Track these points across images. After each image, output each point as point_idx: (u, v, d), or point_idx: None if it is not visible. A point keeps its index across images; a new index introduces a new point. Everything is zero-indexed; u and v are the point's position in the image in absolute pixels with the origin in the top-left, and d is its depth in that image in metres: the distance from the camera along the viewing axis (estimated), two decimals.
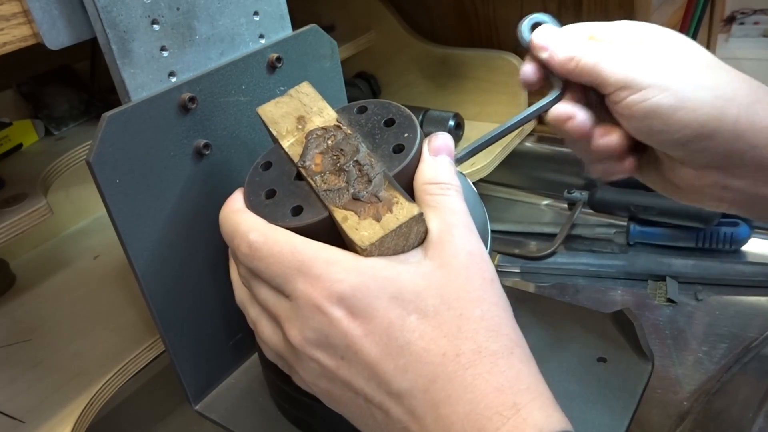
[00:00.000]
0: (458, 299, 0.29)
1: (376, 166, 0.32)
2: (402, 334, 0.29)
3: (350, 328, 0.29)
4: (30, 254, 0.67)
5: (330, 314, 0.29)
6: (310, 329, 0.30)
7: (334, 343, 0.29)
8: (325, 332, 0.29)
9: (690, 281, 0.66)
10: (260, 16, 0.43)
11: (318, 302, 0.29)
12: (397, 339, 0.29)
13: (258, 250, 0.31)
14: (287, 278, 0.30)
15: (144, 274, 0.39)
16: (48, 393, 0.47)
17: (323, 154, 0.34)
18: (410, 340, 0.29)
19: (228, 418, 0.44)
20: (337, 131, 0.35)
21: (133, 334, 0.51)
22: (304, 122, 0.36)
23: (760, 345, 0.56)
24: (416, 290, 0.29)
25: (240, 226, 0.32)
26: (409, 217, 0.30)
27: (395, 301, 0.29)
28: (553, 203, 0.83)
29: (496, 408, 0.27)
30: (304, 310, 0.30)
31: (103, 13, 0.34)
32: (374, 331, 0.29)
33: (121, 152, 0.36)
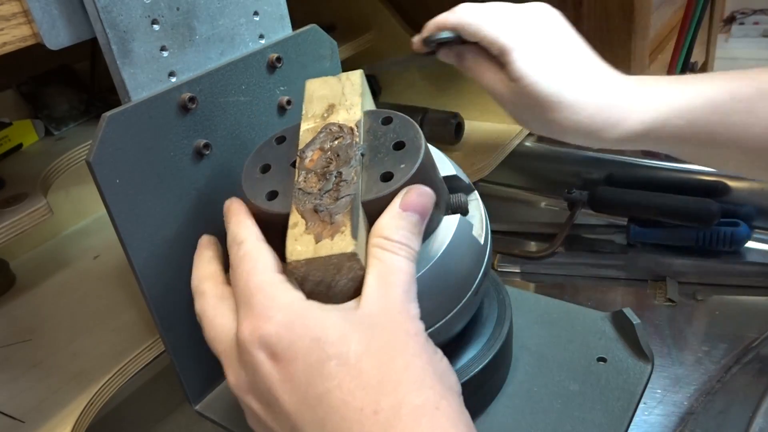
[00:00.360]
0: (381, 348, 0.28)
1: (351, 186, 0.32)
2: (321, 381, 0.27)
3: (271, 373, 0.28)
4: (30, 254, 0.67)
5: (254, 356, 0.28)
6: (242, 372, 0.29)
7: (260, 388, 0.29)
8: (252, 375, 0.29)
9: (690, 281, 0.66)
10: (260, 16, 0.43)
11: (247, 342, 0.29)
12: (316, 387, 0.27)
13: (233, 266, 0.32)
14: (239, 305, 0.30)
15: (144, 274, 0.39)
16: (48, 393, 0.47)
17: (323, 151, 0.34)
18: (329, 389, 0.27)
19: (228, 418, 0.44)
20: (348, 135, 0.34)
21: (133, 334, 0.51)
22: (331, 111, 0.36)
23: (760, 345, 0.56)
24: (340, 333, 0.28)
25: (238, 236, 0.33)
26: (339, 252, 0.29)
27: (317, 343, 0.28)
28: (553, 203, 0.83)
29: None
30: (240, 348, 0.29)
31: (103, 13, 0.34)
32: (293, 377, 0.28)
33: (121, 152, 0.36)
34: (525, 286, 0.70)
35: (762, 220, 0.70)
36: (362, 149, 0.34)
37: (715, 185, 0.71)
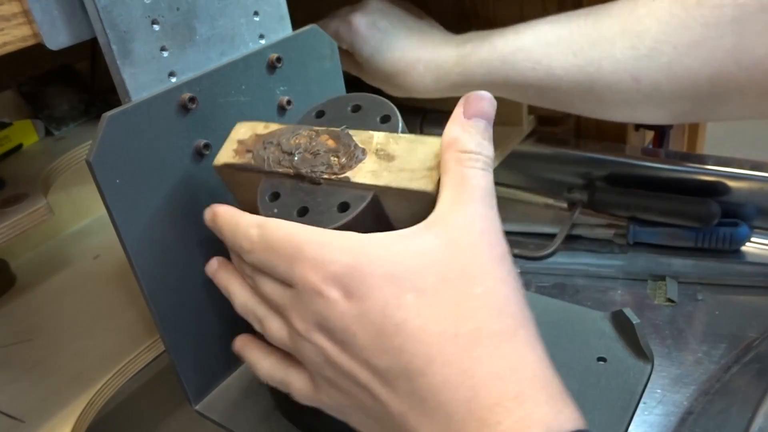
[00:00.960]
0: (461, 277, 0.27)
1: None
2: (398, 312, 0.27)
3: (346, 309, 0.28)
4: (30, 254, 0.67)
5: (327, 296, 0.28)
6: (312, 313, 0.29)
7: (333, 326, 0.28)
8: (324, 315, 0.28)
9: (690, 281, 0.66)
10: (260, 16, 0.43)
11: (315, 285, 0.28)
12: (393, 317, 0.27)
13: (258, 242, 0.31)
14: (287, 266, 0.29)
15: (144, 274, 0.39)
16: (48, 393, 0.47)
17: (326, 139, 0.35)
18: (406, 319, 0.27)
19: (228, 418, 0.44)
20: (340, 145, 0.34)
21: (133, 335, 0.51)
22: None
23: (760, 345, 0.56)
24: (414, 268, 0.27)
25: (241, 225, 0.32)
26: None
27: (391, 278, 0.27)
28: (553, 203, 0.83)
29: (497, 398, 0.25)
30: (304, 295, 0.29)
31: (104, 14, 0.34)
32: (369, 311, 0.27)
33: (122, 152, 0.36)
34: (525, 286, 0.70)
35: (762, 220, 0.70)
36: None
37: (715, 185, 0.71)
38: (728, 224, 0.68)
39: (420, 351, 0.26)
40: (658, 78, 0.49)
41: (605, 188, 0.75)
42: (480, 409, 0.25)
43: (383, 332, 0.27)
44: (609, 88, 0.52)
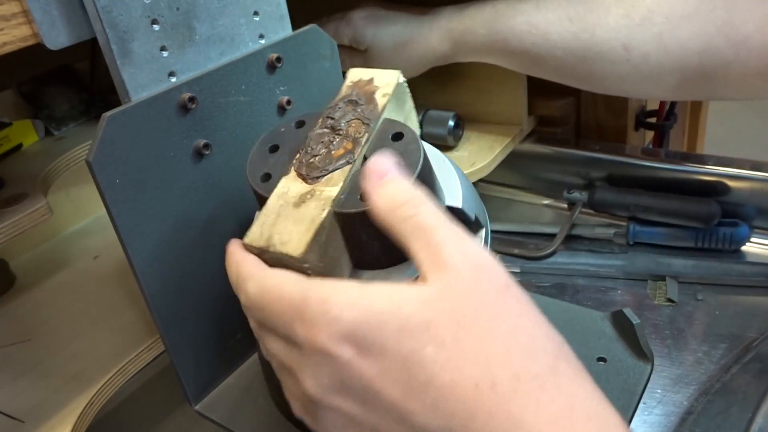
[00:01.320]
0: (477, 319, 0.25)
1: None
2: (421, 369, 0.25)
3: (363, 368, 0.26)
4: (30, 254, 0.67)
5: (339, 356, 0.26)
6: (325, 376, 0.27)
7: (352, 387, 0.26)
8: (339, 377, 0.26)
9: (690, 281, 0.66)
10: (260, 16, 0.43)
11: (322, 346, 0.26)
12: (418, 375, 0.25)
13: (255, 301, 0.29)
14: (288, 327, 0.28)
15: (144, 274, 0.39)
16: (48, 393, 0.47)
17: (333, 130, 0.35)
18: (433, 375, 0.25)
19: (228, 418, 0.44)
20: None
21: (133, 334, 0.51)
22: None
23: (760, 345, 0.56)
24: (424, 319, 0.25)
25: (239, 276, 0.31)
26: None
27: (403, 333, 0.25)
28: (553, 203, 0.83)
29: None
30: (312, 357, 0.27)
31: (103, 13, 0.34)
32: (390, 368, 0.25)
33: (121, 152, 0.36)
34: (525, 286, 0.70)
35: (762, 220, 0.70)
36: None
37: (714, 185, 0.71)
38: (728, 224, 0.68)
39: (458, 408, 0.24)
40: (648, 49, 0.51)
41: (605, 188, 0.75)
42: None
43: (412, 390, 0.25)
44: (600, 56, 0.53)
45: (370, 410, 0.26)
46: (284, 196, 0.33)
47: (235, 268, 0.32)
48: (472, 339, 0.25)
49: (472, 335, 0.25)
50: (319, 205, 0.32)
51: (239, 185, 0.44)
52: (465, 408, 0.24)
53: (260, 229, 0.32)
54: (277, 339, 0.30)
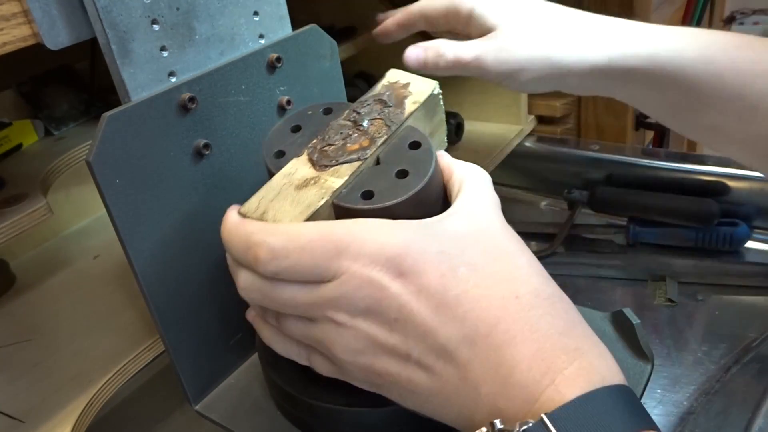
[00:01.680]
0: (502, 252, 0.30)
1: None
2: (456, 284, 0.29)
3: (401, 289, 0.29)
4: (30, 254, 0.67)
5: (379, 281, 0.29)
6: (359, 300, 0.29)
7: (386, 309, 0.29)
8: (374, 300, 0.29)
9: (690, 281, 0.66)
10: (260, 16, 0.43)
11: (365, 274, 0.29)
12: (452, 289, 0.29)
13: (282, 249, 0.30)
14: (325, 264, 0.29)
15: (144, 274, 0.39)
16: (48, 393, 0.47)
17: (370, 122, 0.36)
18: (466, 289, 0.29)
19: (228, 418, 0.44)
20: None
21: (132, 334, 0.51)
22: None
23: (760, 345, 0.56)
24: (459, 246, 0.30)
25: (253, 235, 0.31)
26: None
27: (443, 255, 0.29)
28: (553, 203, 0.83)
29: (560, 349, 0.28)
30: (349, 285, 0.29)
31: (103, 13, 0.34)
32: (427, 286, 0.29)
33: (121, 152, 0.36)
34: None
35: (762, 220, 0.70)
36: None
37: (714, 185, 0.71)
38: (728, 224, 0.68)
39: (485, 315, 0.28)
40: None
41: (605, 188, 0.75)
42: (544, 359, 0.27)
43: (444, 304, 0.29)
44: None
45: (395, 331, 0.29)
46: (290, 176, 0.34)
47: (243, 228, 0.32)
48: (500, 264, 0.30)
49: (499, 262, 0.30)
50: (319, 192, 0.32)
51: (239, 185, 0.44)
52: (490, 315, 0.28)
53: (258, 203, 0.32)
54: (295, 320, 0.33)
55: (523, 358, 0.27)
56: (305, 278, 0.31)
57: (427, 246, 0.29)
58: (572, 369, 0.27)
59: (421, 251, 0.29)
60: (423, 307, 0.29)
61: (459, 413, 0.29)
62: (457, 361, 0.29)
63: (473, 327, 0.28)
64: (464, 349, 0.28)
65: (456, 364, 0.29)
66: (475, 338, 0.28)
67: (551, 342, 0.28)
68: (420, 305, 0.29)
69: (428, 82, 0.39)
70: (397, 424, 0.39)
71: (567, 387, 0.26)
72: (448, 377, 0.29)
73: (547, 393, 0.27)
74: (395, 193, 0.32)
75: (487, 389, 0.28)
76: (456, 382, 0.29)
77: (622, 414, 0.26)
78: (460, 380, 0.29)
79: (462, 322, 0.28)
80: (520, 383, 0.27)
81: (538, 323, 0.28)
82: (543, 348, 0.27)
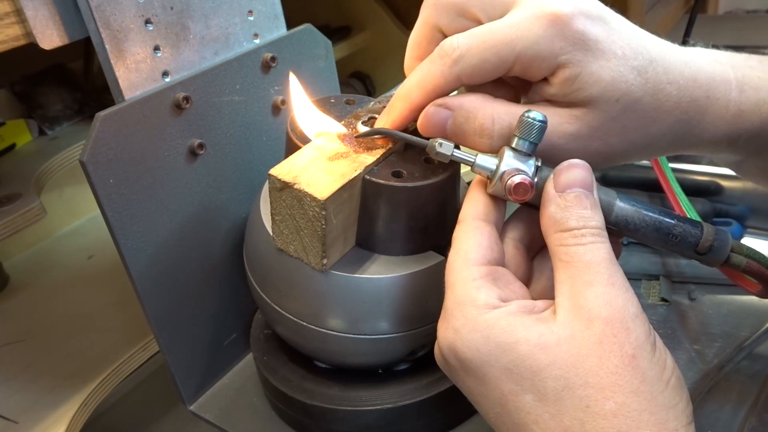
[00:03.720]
0: (586, 386, 0.24)
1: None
2: (516, 412, 0.25)
3: (466, 381, 0.27)
4: (24, 254, 0.66)
5: (446, 360, 0.28)
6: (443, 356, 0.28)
7: (457, 382, 0.28)
8: (449, 374, 0.29)
9: (683, 280, 0.66)
10: (254, 15, 0.43)
11: (440, 342, 0.28)
12: (511, 415, 0.25)
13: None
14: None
15: (138, 274, 0.39)
16: (42, 393, 0.46)
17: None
18: (525, 423, 0.25)
19: (222, 419, 0.44)
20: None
21: (127, 335, 0.51)
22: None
23: (753, 344, 0.56)
24: (535, 366, 0.25)
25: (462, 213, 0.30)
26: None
27: (509, 373, 0.25)
28: None
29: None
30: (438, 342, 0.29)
31: (97, 13, 0.34)
32: (488, 396, 0.26)
33: (115, 152, 0.36)
34: None
35: (755, 219, 0.70)
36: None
37: (707, 185, 0.71)
38: (721, 224, 0.69)
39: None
40: None
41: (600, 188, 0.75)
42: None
43: (502, 420, 0.26)
44: None
45: (473, 399, 0.28)
46: (321, 148, 0.34)
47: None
48: (574, 403, 0.24)
49: (575, 399, 0.24)
50: (353, 165, 0.33)
51: (234, 185, 0.44)
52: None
53: (289, 168, 0.32)
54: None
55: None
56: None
57: (494, 359, 0.25)
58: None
59: (485, 361, 0.26)
60: (484, 406, 0.27)
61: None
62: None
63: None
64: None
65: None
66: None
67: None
68: (482, 402, 0.27)
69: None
70: (392, 423, 0.39)
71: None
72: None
73: None
74: (424, 176, 0.33)
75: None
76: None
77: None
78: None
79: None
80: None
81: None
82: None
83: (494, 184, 0.29)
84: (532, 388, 0.25)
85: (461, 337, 0.26)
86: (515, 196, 0.28)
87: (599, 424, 0.24)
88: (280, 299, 0.37)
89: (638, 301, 0.26)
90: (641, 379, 0.24)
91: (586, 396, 0.24)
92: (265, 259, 0.37)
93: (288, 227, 0.33)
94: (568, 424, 0.24)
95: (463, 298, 0.27)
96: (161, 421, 0.60)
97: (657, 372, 0.25)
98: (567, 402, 0.24)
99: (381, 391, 0.39)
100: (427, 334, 0.37)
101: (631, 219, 0.29)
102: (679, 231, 0.30)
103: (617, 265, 0.27)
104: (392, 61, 0.88)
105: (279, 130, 0.46)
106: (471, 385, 0.27)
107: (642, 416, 0.24)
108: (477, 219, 0.29)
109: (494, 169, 0.29)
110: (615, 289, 0.26)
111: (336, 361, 0.41)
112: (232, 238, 0.44)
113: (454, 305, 0.27)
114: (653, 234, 0.30)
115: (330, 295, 0.35)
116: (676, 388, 0.25)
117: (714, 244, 0.30)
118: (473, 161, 0.29)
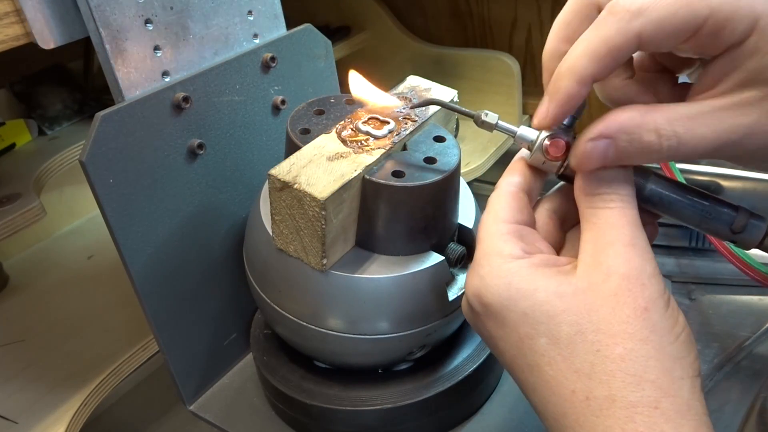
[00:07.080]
0: (597, 331, 0.25)
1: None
2: (531, 354, 0.27)
3: (487, 324, 0.29)
4: (23, 254, 0.66)
5: (471, 306, 0.29)
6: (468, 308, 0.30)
7: (478, 329, 0.30)
8: (472, 321, 0.30)
9: (683, 281, 0.66)
10: (254, 15, 0.43)
11: (467, 289, 0.29)
12: (526, 356, 0.27)
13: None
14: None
15: (138, 275, 0.39)
16: (42, 394, 0.46)
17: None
18: (539, 363, 0.26)
19: (222, 419, 0.44)
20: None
21: (126, 335, 0.51)
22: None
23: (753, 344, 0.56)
24: (551, 312, 0.26)
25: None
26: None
27: (526, 318, 0.27)
28: None
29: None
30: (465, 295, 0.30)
31: (96, 13, 0.34)
32: (506, 339, 0.28)
33: (115, 152, 0.36)
34: None
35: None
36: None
37: (707, 185, 0.71)
38: None
39: (553, 400, 0.26)
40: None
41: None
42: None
43: (518, 361, 0.27)
44: None
45: (492, 345, 0.29)
46: (320, 148, 0.34)
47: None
48: (585, 347, 0.26)
49: (587, 344, 0.26)
50: (352, 165, 0.33)
51: (234, 184, 0.44)
52: (558, 403, 0.26)
53: (289, 167, 0.33)
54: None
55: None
56: None
57: (514, 303, 0.27)
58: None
59: (505, 306, 0.27)
60: (504, 348, 0.28)
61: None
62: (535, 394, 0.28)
63: (544, 402, 0.27)
64: (541, 411, 0.27)
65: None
66: (546, 414, 0.27)
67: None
68: (502, 345, 0.28)
69: (448, 90, 0.40)
70: (392, 423, 0.39)
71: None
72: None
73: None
74: (424, 176, 0.33)
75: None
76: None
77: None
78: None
79: (534, 391, 0.27)
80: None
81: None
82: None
83: (534, 153, 0.30)
84: (546, 332, 0.26)
85: (486, 284, 0.28)
86: (550, 154, 0.29)
87: (608, 367, 0.25)
88: (280, 299, 0.37)
89: (657, 264, 0.27)
90: (651, 329, 0.25)
91: (597, 341, 0.25)
92: (265, 259, 0.37)
93: (288, 227, 0.33)
94: (579, 365, 0.25)
95: (490, 249, 0.29)
96: (161, 421, 0.60)
97: (668, 325, 0.26)
98: (579, 346, 0.26)
99: (381, 391, 0.39)
100: (427, 334, 0.37)
101: (666, 195, 0.29)
102: (714, 210, 0.29)
103: (641, 230, 0.27)
104: (392, 61, 0.88)
105: (279, 130, 0.46)
106: (491, 328, 0.28)
107: (649, 362, 0.25)
108: (511, 185, 0.31)
109: (534, 138, 0.30)
110: (635, 249, 0.27)
111: (336, 361, 0.41)
112: (232, 239, 0.44)
113: (482, 255, 0.29)
114: (687, 211, 0.29)
115: (330, 295, 0.35)
116: (686, 343, 0.26)
117: (749, 224, 0.29)
118: (516, 132, 0.30)
